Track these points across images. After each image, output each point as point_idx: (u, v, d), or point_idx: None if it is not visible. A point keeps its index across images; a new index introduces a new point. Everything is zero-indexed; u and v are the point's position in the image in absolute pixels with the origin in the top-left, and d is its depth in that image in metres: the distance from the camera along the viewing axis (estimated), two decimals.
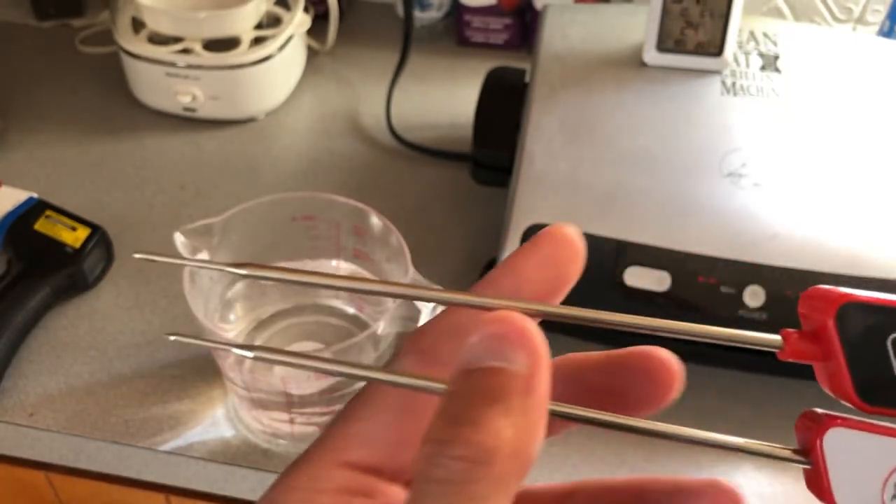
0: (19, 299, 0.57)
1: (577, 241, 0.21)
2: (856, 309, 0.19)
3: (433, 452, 0.16)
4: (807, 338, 0.19)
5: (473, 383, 0.17)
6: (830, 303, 0.19)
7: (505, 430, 0.16)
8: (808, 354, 0.19)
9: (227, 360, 0.51)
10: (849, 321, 0.19)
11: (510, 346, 0.17)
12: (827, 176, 0.53)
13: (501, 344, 0.17)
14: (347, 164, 0.74)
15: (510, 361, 0.17)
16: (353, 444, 0.19)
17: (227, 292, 0.56)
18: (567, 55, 0.61)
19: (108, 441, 0.54)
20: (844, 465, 0.19)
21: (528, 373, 0.17)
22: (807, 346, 0.19)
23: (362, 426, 0.19)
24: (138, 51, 0.74)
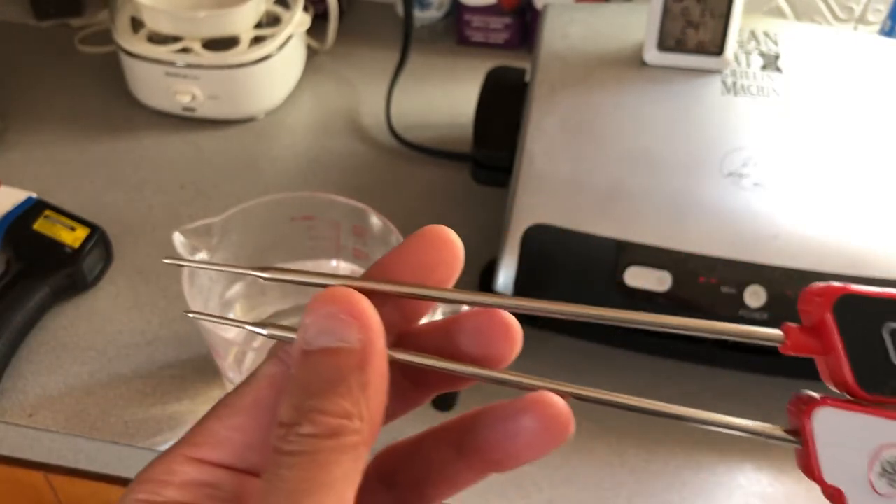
0: (18, 299, 0.57)
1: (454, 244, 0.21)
2: (852, 301, 0.19)
3: (285, 433, 0.18)
4: (807, 332, 0.20)
5: (312, 366, 0.18)
6: (828, 296, 0.19)
7: (348, 408, 0.18)
8: (808, 348, 0.20)
9: (226, 360, 0.51)
10: (846, 313, 0.19)
11: (342, 325, 0.18)
12: (828, 176, 0.53)
13: (333, 323, 0.18)
14: (347, 164, 0.74)
15: (344, 339, 0.18)
16: (206, 442, 0.20)
17: (227, 292, 0.56)
18: (567, 55, 0.61)
19: (108, 441, 0.54)
20: (832, 443, 0.19)
21: (361, 347, 0.18)
22: (807, 339, 0.20)
23: (216, 426, 0.20)
24: (137, 50, 0.74)
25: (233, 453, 0.20)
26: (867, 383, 0.19)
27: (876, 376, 0.19)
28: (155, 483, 0.19)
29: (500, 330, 0.22)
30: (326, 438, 0.17)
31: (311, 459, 0.17)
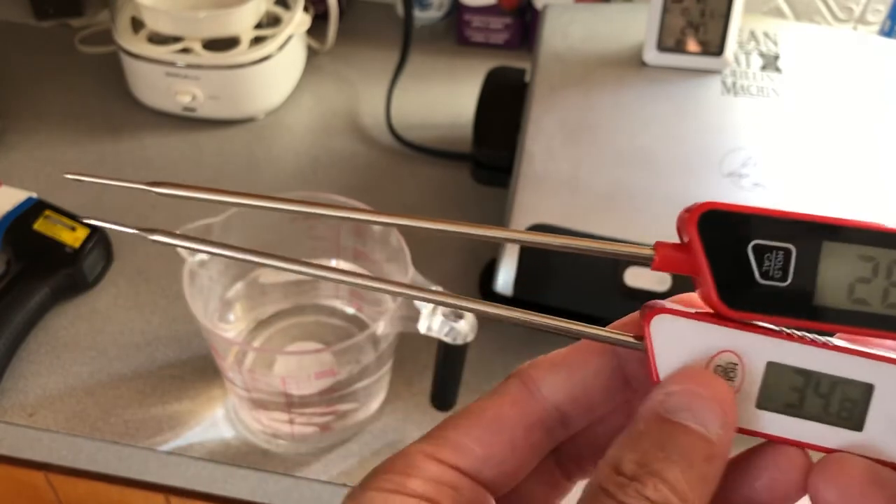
0: (19, 299, 0.57)
1: None
2: (717, 217, 0.19)
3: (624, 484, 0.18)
4: (677, 249, 0.20)
5: (667, 434, 0.19)
6: (694, 212, 0.19)
7: (685, 491, 0.18)
8: (677, 265, 0.20)
9: (226, 360, 0.51)
10: (711, 229, 0.19)
11: (710, 412, 0.19)
12: (827, 175, 0.53)
13: (702, 407, 0.19)
14: (347, 164, 0.74)
15: (705, 426, 0.19)
16: (446, 446, 0.20)
17: (227, 292, 0.56)
18: (567, 55, 0.61)
19: (108, 441, 0.54)
20: (671, 348, 0.20)
21: (716, 441, 0.19)
22: (677, 256, 0.20)
23: (457, 434, 0.21)
24: (138, 50, 0.74)
25: (470, 463, 0.20)
26: (731, 300, 0.19)
27: (740, 293, 0.19)
28: (398, 474, 0.20)
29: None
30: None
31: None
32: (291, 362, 0.54)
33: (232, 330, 0.57)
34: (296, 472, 0.53)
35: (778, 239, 0.19)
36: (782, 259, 0.19)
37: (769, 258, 0.19)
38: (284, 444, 0.54)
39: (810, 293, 0.19)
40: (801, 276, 0.19)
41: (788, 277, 0.19)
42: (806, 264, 0.19)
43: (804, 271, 0.19)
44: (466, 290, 0.58)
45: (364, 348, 0.50)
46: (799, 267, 0.19)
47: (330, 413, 0.52)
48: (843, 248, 0.19)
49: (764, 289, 0.19)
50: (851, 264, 0.19)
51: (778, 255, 0.19)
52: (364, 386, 0.51)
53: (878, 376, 0.19)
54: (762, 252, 0.19)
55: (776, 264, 0.19)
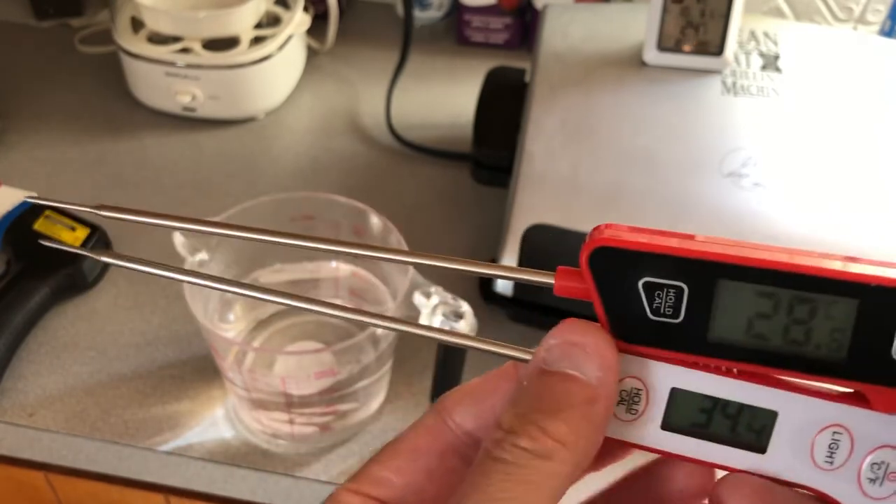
0: (18, 299, 0.57)
1: None
2: (609, 254, 0.19)
3: (501, 438, 0.19)
4: (576, 276, 0.20)
5: (546, 384, 0.19)
6: (587, 247, 0.19)
7: (566, 434, 0.18)
8: (577, 292, 0.20)
9: (226, 360, 0.51)
10: (603, 265, 0.19)
11: (585, 357, 0.19)
12: (827, 176, 0.53)
13: (577, 353, 0.19)
14: (347, 164, 0.74)
15: (582, 371, 0.19)
16: (367, 480, 0.22)
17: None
18: (567, 55, 0.61)
19: (108, 441, 0.54)
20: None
21: (595, 384, 0.19)
22: (575, 284, 0.20)
23: (378, 468, 0.22)
24: (138, 50, 0.74)
25: (392, 493, 0.21)
26: (623, 333, 0.19)
27: (632, 327, 0.19)
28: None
29: None
30: (538, 458, 0.18)
31: (517, 473, 0.18)
32: (291, 362, 0.54)
33: (232, 330, 0.57)
34: (296, 472, 0.53)
35: (670, 277, 0.19)
36: (674, 297, 0.19)
37: (660, 295, 0.19)
38: (284, 444, 0.54)
39: (704, 329, 0.19)
40: (695, 312, 0.19)
41: (680, 315, 0.19)
42: (700, 301, 0.19)
43: (698, 308, 0.19)
44: (466, 290, 0.58)
45: (364, 348, 0.50)
46: (692, 304, 0.19)
47: (330, 413, 0.52)
48: (740, 286, 0.19)
49: (656, 324, 0.19)
50: (749, 301, 0.19)
51: (669, 292, 0.19)
52: (364, 386, 0.51)
53: (782, 403, 0.19)
54: (653, 289, 0.19)
55: (668, 301, 0.19)
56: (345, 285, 0.58)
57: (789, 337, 0.19)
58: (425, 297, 0.48)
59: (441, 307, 0.47)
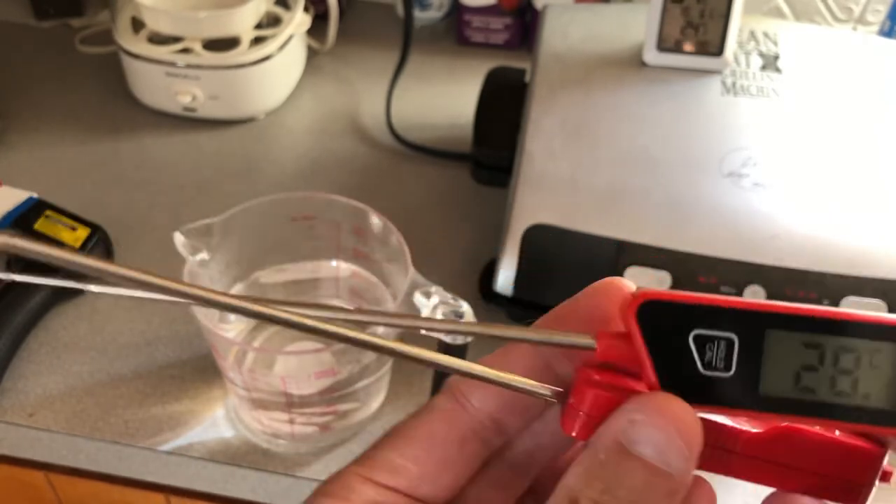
0: (19, 299, 0.57)
1: None
2: (656, 307, 0.19)
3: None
4: (620, 338, 0.19)
5: (626, 469, 0.18)
6: (632, 303, 0.19)
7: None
8: (622, 355, 0.19)
9: (226, 360, 0.51)
10: (650, 319, 0.19)
11: (672, 446, 0.18)
12: (827, 175, 0.53)
13: (668, 443, 0.18)
14: (347, 164, 0.74)
15: (668, 463, 0.18)
16: (382, 468, 0.21)
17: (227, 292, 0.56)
18: (567, 55, 0.61)
19: (108, 441, 0.54)
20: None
21: (678, 479, 0.18)
22: (620, 345, 0.19)
23: (392, 454, 0.21)
24: (138, 50, 0.74)
25: (407, 482, 0.21)
26: (674, 392, 0.19)
27: (683, 384, 0.19)
28: (335, 498, 0.20)
29: None
30: None
31: None
32: (291, 362, 0.54)
33: (232, 330, 0.57)
34: (296, 472, 0.53)
35: (719, 328, 0.19)
36: (724, 349, 0.19)
37: (711, 348, 0.19)
38: (284, 444, 0.54)
39: (756, 382, 0.19)
40: (745, 365, 0.19)
41: (732, 367, 0.19)
42: (749, 353, 0.19)
43: (748, 360, 0.19)
44: (466, 290, 0.58)
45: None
46: (742, 355, 0.19)
47: (330, 413, 0.52)
48: (786, 336, 0.19)
49: (707, 379, 0.19)
50: (796, 352, 0.19)
51: (720, 344, 0.19)
52: (364, 386, 0.51)
53: None
54: (703, 342, 0.19)
55: (719, 354, 0.19)
56: (345, 285, 0.58)
57: (836, 389, 0.18)
58: (425, 297, 0.48)
59: (441, 307, 0.47)
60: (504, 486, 0.22)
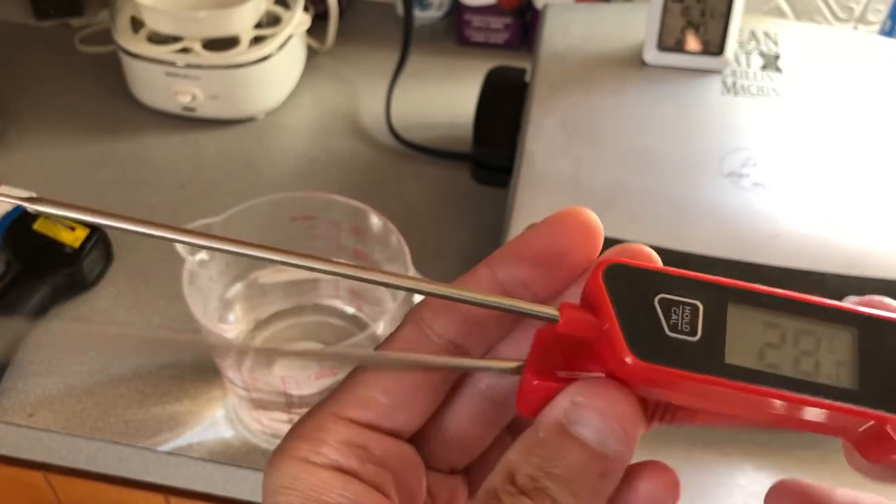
0: (18, 299, 0.57)
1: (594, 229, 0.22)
2: (624, 270, 0.19)
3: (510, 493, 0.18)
4: (583, 309, 0.20)
5: (564, 447, 0.19)
6: (599, 266, 0.19)
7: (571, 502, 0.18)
8: (584, 325, 0.19)
9: (226, 360, 0.51)
10: (617, 281, 0.19)
11: (610, 430, 0.19)
12: (828, 175, 0.53)
13: (603, 423, 0.19)
14: (347, 164, 0.74)
15: (603, 444, 0.19)
16: (352, 404, 0.21)
17: (227, 292, 0.56)
18: (567, 54, 0.61)
19: (108, 441, 0.54)
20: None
21: (613, 457, 0.19)
22: (583, 315, 0.19)
23: (363, 389, 0.21)
24: (138, 50, 0.74)
25: (379, 414, 0.21)
26: (641, 352, 0.19)
27: (649, 345, 0.19)
28: (311, 441, 0.20)
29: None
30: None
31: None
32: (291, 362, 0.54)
33: (232, 330, 0.57)
34: None
35: (685, 295, 0.19)
36: (690, 314, 0.19)
37: (676, 312, 0.19)
38: None
39: (721, 352, 0.19)
40: (711, 333, 0.19)
41: (697, 333, 0.19)
42: (714, 322, 0.19)
43: (713, 328, 0.19)
44: None
45: (364, 348, 0.50)
46: (707, 323, 0.19)
47: None
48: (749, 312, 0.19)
49: (674, 342, 0.19)
50: (759, 329, 0.19)
51: (685, 309, 0.19)
52: None
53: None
54: (670, 305, 0.19)
55: (684, 318, 0.19)
56: (345, 285, 0.58)
57: (800, 368, 0.19)
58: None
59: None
60: (484, 421, 0.23)
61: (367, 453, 0.21)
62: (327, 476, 0.20)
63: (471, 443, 0.23)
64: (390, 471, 0.21)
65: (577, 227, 0.21)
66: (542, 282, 0.21)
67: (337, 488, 0.20)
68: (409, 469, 0.21)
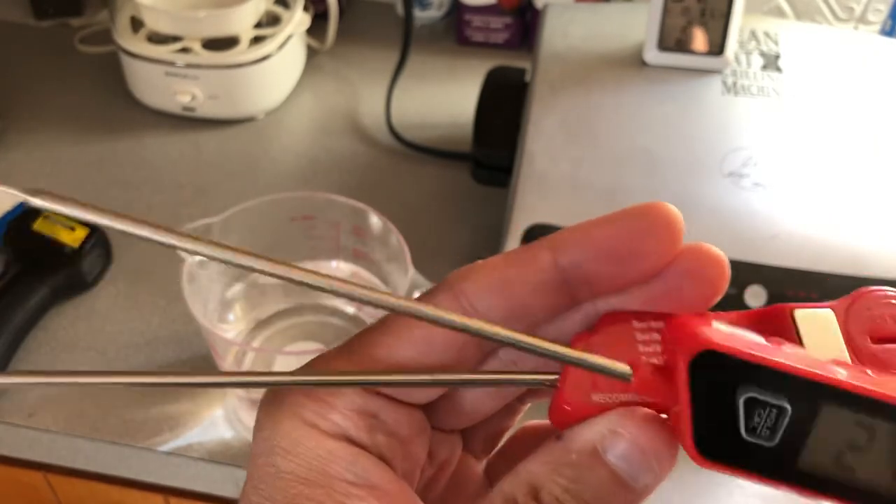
0: (18, 299, 0.57)
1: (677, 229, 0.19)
2: (714, 357, 0.17)
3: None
4: (659, 373, 0.18)
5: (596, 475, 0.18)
6: (690, 345, 0.17)
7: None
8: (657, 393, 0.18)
9: (226, 360, 0.51)
10: (704, 369, 0.17)
11: (644, 466, 0.18)
12: (828, 175, 0.53)
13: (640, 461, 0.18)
14: (347, 164, 0.74)
15: (635, 479, 0.18)
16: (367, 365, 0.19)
17: (227, 292, 0.56)
18: (567, 54, 0.61)
19: (107, 442, 0.54)
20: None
21: (640, 494, 0.18)
22: (657, 381, 0.18)
23: (383, 353, 0.19)
24: (137, 50, 0.74)
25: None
26: (707, 449, 0.17)
27: (719, 444, 0.17)
28: (319, 403, 0.19)
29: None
30: None
31: None
32: (291, 362, 0.54)
33: (231, 330, 0.57)
34: None
35: (776, 395, 0.17)
36: (775, 418, 0.17)
37: (760, 414, 0.17)
38: None
39: (796, 456, 0.17)
40: (792, 437, 0.17)
41: (776, 438, 0.17)
42: (800, 425, 0.17)
43: (796, 433, 0.17)
44: None
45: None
46: (791, 428, 0.17)
47: None
48: (843, 414, 0.17)
49: (747, 445, 0.17)
50: (847, 430, 0.17)
51: (771, 412, 0.17)
52: None
53: None
54: (755, 406, 0.17)
55: (767, 422, 0.17)
56: None
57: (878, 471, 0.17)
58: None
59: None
60: (499, 391, 0.22)
61: (378, 422, 0.19)
62: (335, 447, 0.18)
63: (483, 410, 0.22)
64: (398, 439, 0.20)
65: (659, 225, 0.19)
66: (608, 279, 0.19)
67: (344, 461, 0.18)
68: (416, 437, 0.20)
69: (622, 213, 0.19)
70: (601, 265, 0.19)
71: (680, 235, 0.19)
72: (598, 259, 0.19)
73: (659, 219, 0.19)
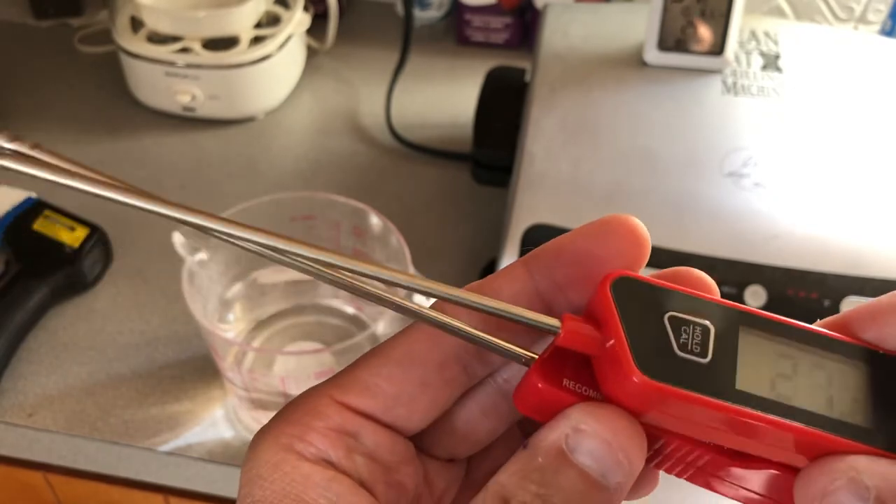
0: (18, 299, 0.57)
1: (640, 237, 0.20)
2: (633, 285, 0.18)
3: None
4: (588, 321, 0.19)
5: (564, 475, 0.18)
6: (606, 278, 0.19)
7: None
8: (586, 339, 0.18)
9: (226, 360, 0.51)
10: (626, 295, 0.18)
11: (614, 463, 0.18)
12: (828, 175, 0.53)
13: (607, 454, 0.18)
14: (347, 164, 0.74)
15: (605, 476, 0.17)
16: (352, 387, 0.20)
17: (227, 292, 0.56)
18: (567, 54, 0.61)
19: (107, 441, 0.54)
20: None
21: (613, 490, 0.18)
22: (586, 329, 0.18)
23: (366, 374, 0.20)
24: (137, 50, 0.74)
25: (380, 404, 0.20)
26: (650, 371, 0.18)
27: (657, 362, 0.18)
28: (298, 426, 0.19)
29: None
30: None
31: None
32: (291, 362, 0.54)
33: (231, 330, 0.57)
34: None
35: (695, 315, 0.18)
36: (700, 335, 0.18)
37: (686, 331, 0.18)
38: None
39: (732, 377, 0.18)
40: (722, 357, 0.18)
41: (708, 355, 0.18)
42: (725, 345, 0.18)
43: (724, 352, 0.18)
44: None
45: (364, 348, 0.50)
46: (718, 346, 0.18)
47: None
48: (760, 340, 0.18)
49: (683, 362, 0.18)
50: (771, 358, 0.18)
51: (696, 329, 0.18)
52: None
53: None
54: (679, 324, 0.18)
55: (694, 338, 0.18)
56: None
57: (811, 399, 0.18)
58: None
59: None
60: (496, 415, 0.21)
61: (357, 443, 0.19)
62: (311, 470, 0.18)
63: (478, 435, 0.22)
64: (380, 465, 0.20)
65: (623, 234, 0.20)
66: (580, 287, 0.20)
67: (319, 486, 0.18)
68: (401, 465, 0.20)
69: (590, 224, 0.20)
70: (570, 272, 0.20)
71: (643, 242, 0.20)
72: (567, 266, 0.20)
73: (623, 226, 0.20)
